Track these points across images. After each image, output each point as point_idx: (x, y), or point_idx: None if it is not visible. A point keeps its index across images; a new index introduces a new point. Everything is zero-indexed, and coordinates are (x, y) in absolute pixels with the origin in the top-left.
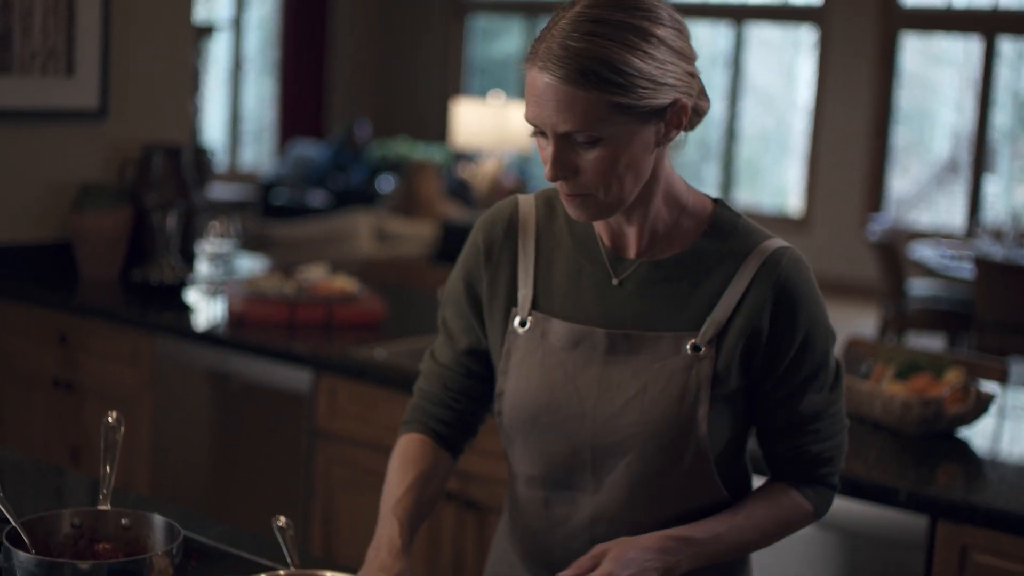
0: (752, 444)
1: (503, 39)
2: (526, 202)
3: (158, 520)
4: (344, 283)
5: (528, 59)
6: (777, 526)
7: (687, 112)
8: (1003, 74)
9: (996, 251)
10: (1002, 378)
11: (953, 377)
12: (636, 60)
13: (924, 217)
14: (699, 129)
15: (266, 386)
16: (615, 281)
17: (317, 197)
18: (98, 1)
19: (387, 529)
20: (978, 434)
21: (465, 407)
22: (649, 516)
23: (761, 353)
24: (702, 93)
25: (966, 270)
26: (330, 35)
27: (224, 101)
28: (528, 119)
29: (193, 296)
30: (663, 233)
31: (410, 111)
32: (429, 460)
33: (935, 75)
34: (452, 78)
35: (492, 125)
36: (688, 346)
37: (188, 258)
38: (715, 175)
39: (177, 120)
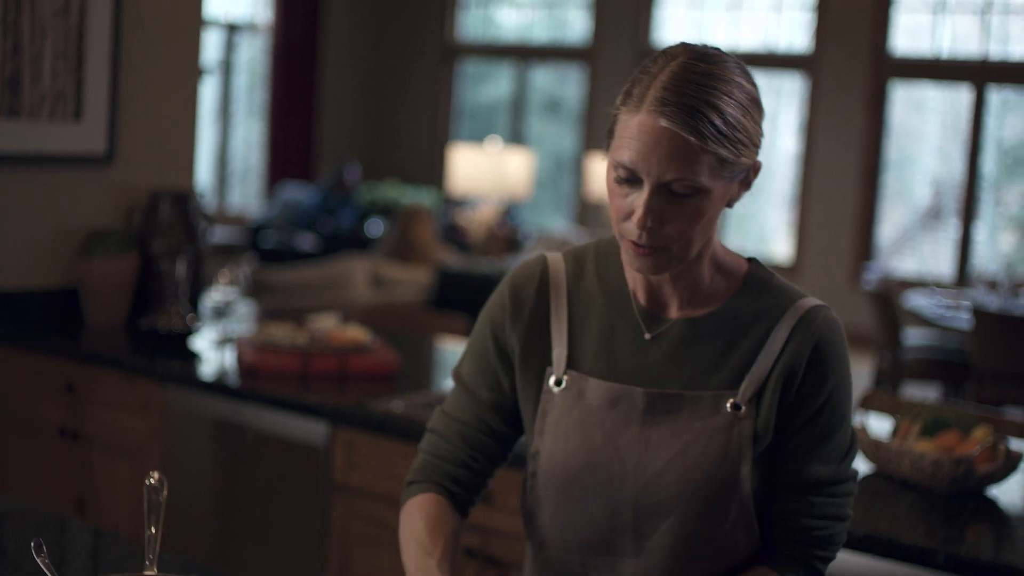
0: None
1: (493, 84)
2: (555, 261)
3: None
4: (356, 333)
5: (629, 104)
6: None
7: (758, 173)
8: (988, 123)
9: (991, 301)
10: (1022, 433)
11: (982, 435)
12: (742, 117)
13: (908, 264)
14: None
15: (280, 438)
16: (647, 336)
17: (306, 241)
18: (107, 45)
19: None
20: (1006, 492)
21: (483, 467)
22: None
23: (786, 406)
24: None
25: (962, 320)
26: (319, 77)
27: (212, 143)
28: (623, 162)
29: (202, 345)
30: (700, 292)
31: (399, 155)
32: (454, 521)
33: (917, 122)
34: (441, 122)
35: (489, 171)
36: (728, 404)
37: (195, 305)
38: None
39: (183, 165)
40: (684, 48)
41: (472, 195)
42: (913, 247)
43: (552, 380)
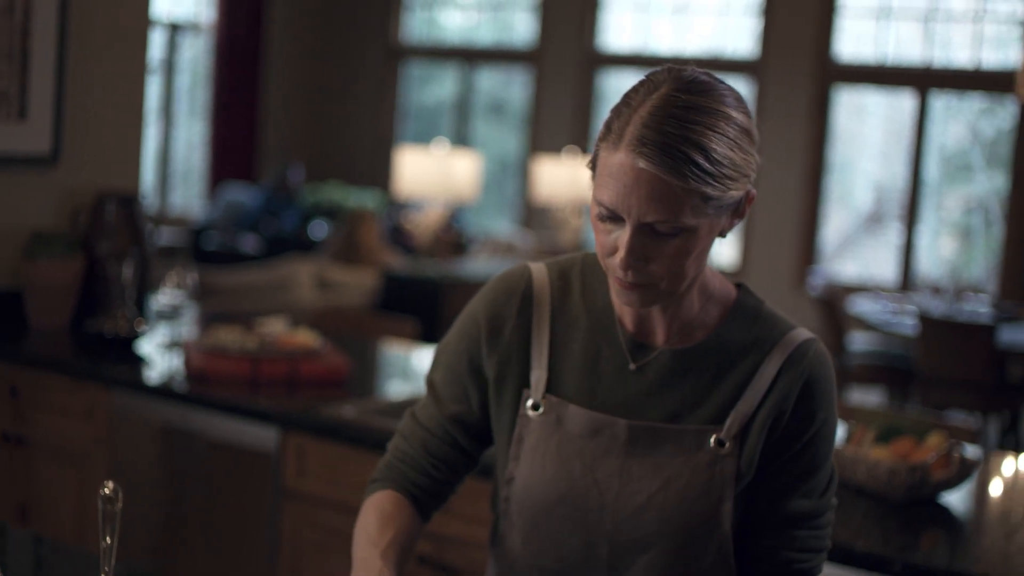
0: None
1: (437, 86)
2: (539, 274)
3: None
4: (306, 337)
5: (608, 140)
6: None
7: (751, 202)
8: (930, 128)
9: (936, 306)
10: (973, 439)
11: (936, 442)
12: (729, 151)
13: (850, 268)
14: None
15: (230, 444)
16: (632, 366)
17: (249, 243)
18: (53, 44)
19: (376, 572)
20: (959, 499)
21: (444, 476)
22: None
23: (772, 442)
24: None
25: (907, 325)
26: (263, 78)
27: (153, 144)
28: (603, 202)
29: (148, 349)
30: (688, 321)
31: (343, 156)
32: (408, 519)
33: (859, 127)
34: (386, 124)
35: (435, 173)
36: (712, 440)
37: (141, 309)
38: None
39: (129, 166)
40: (668, 75)
41: (418, 197)
42: (855, 252)
43: (529, 404)
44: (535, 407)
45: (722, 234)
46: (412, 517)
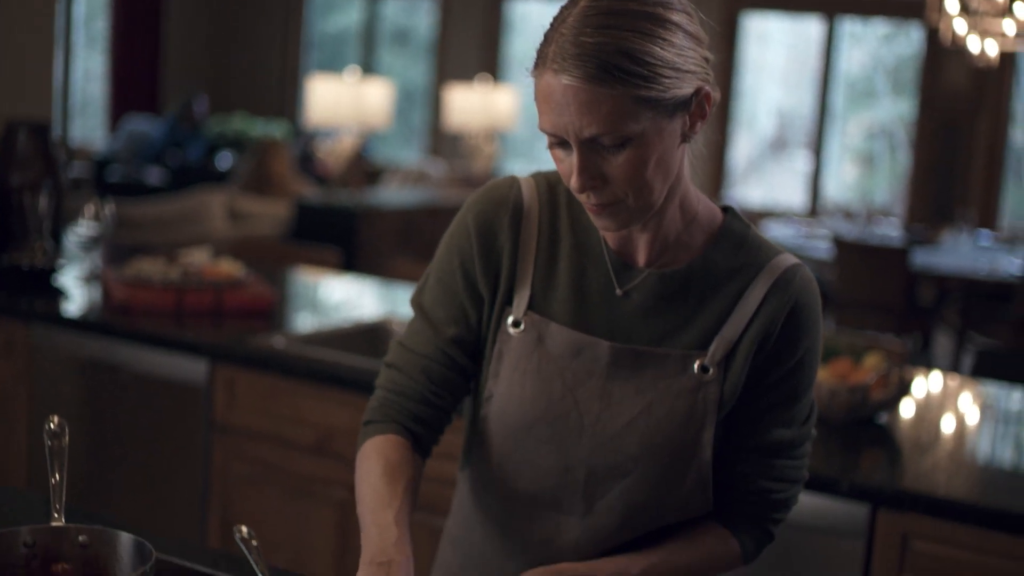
0: None
1: (342, 14)
2: (528, 187)
3: (125, 538)
4: (230, 267)
5: (537, 65)
6: (700, 570)
7: (711, 101)
8: (836, 55)
9: (848, 230)
10: (904, 360)
11: (875, 362)
12: (656, 48)
13: (756, 194)
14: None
15: (157, 377)
16: (619, 292)
17: (154, 174)
18: None
19: (393, 542)
20: (897, 418)
21: (446, 403)
22: (638, 541)
23: (755, 367)
24: (713, 81)
25: (821, 250)
26: (164, 6)
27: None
28: (546, 129)
29: (67, 282)
30: (673, 242)
31: (248, 86)
32: (413, 466)
33: (761, 53)
34: (291, 53)
35: (347, 101)
36: (696, 366)
37: (57, 241)
38: None
39: (40, 95)
40: None
41: (329, 126)
42: (760, 178)
43: (511, 321)
44: (516, 324)
45: (685, 138)
46: (416, 462)
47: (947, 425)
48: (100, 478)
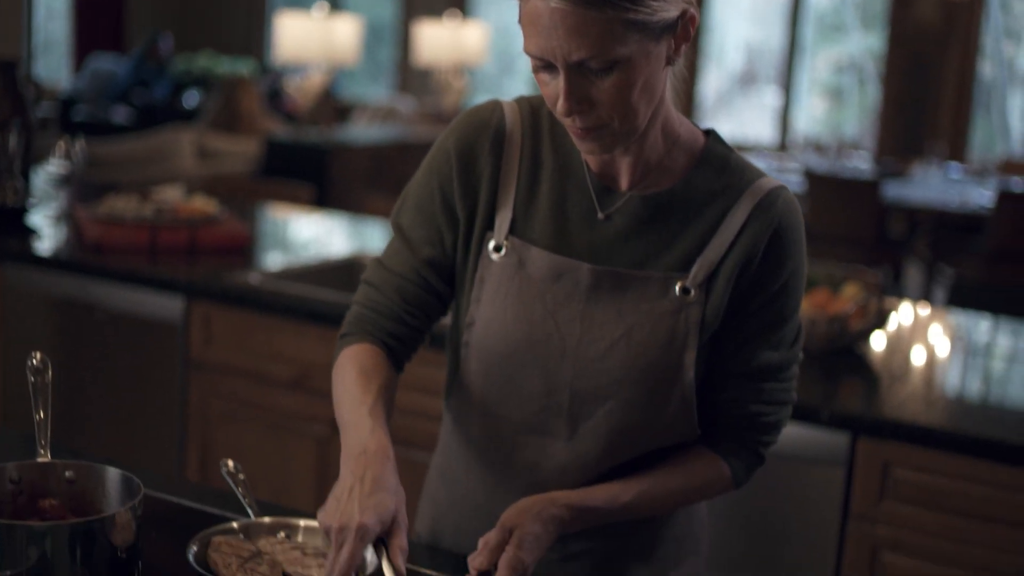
0: None
1: None
2: (511, 110)
3: (112, 473)
4: (204, 204)
5: None
6: (691, 495)
7: (695, 23)
8: None
9: (819, 164)
10: (879, 291)
11: (853, 292)
12: None
13: (725, 128)
14: (519, 39)
15: (132, 315)
16: (601, 216)
17: (120, 113)
18: None
19: (368, 431)
20: (873, 348)
21: (419, 323)
22: (624, 465)
23: (740, 291)
24: (695, 1)
25: (792, 183)
26: None
27: None
28: (532, 52)
29: (39, 221)
30: (655, 165)
31: (213, 24)
32: (387, 371)
33: None
34: None
35: (316, 37)
36: (677, 288)
37: (28, 180)
38: (527, 86)
39: (9, 30)
40: None
41: (297, 63)
42: (729, 112)
43: (492, 245)
44: (497, 248)
45: (670, 61)
46: (390, 369)
47: (923, 355)
48: (76, 418)
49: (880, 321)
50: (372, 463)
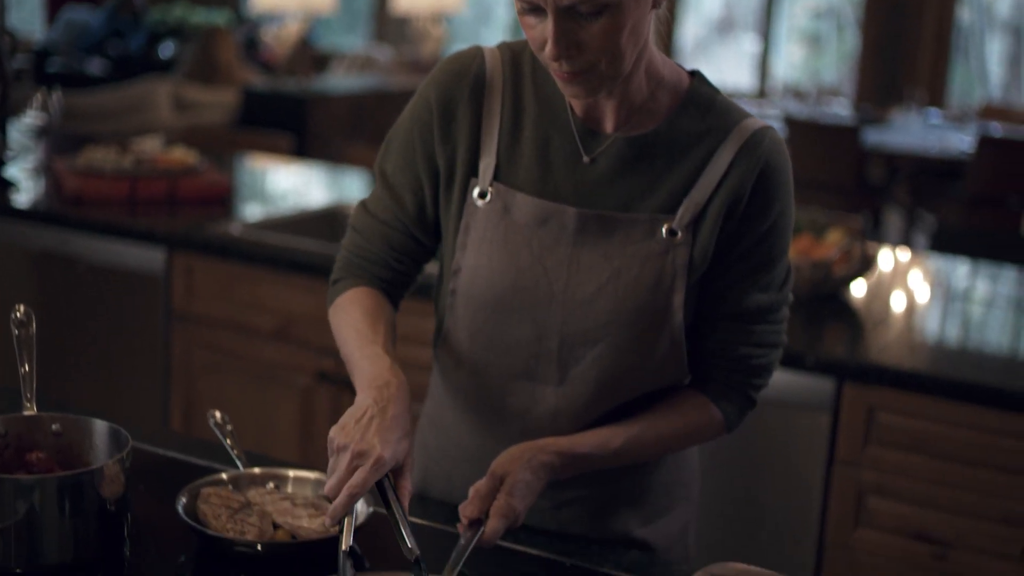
0: None
1: None
2: (492, 57)
3: (99, 425)
4: (183, 155)
5: None
6: (683, 439)
7: None
8: None
9: (799, 110)
10: (862, 236)
11: (837, 238)
12: None
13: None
14: None
15: (113, 267)
16: (586, 159)
17: (95, 65)
18: None
19: (387, 367)
20: (856, 293)
21: (407, 268)
22: (615, 411)
23: (728, 233)
24: None
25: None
26: None
27: None
28: None
29: (16, 174)
30: (639, 106)
31: None
32: (388, 309)
33: None
34: None
35: None
36: (664, 230)
37: (4, 133)
38: (504, 34)
39: None
40: None
41: (273, 12)
42: (708, 59)
43: (476, 192)
44: (482, 195)
45: (655, 4)
46: (390, 307)
47: (905, 300)
48: (59, 372)
49: (864, 267)
50: (394, 399)
